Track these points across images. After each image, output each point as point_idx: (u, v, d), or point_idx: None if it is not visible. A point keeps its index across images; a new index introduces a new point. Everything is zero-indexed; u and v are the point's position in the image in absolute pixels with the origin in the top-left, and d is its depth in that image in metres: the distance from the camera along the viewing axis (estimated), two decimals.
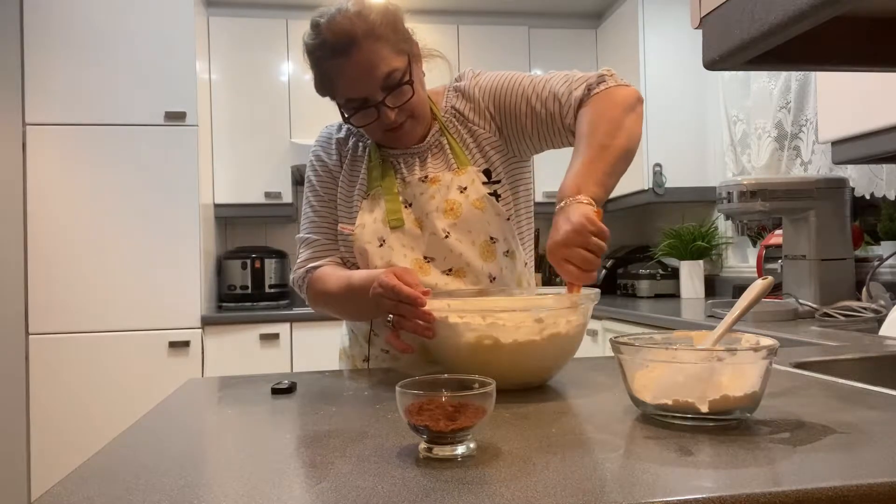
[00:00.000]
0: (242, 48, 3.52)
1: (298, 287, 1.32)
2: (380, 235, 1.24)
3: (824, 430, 0.72)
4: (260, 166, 3.51)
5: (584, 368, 1.15)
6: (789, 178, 2.30)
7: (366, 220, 1.25)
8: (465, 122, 1.29)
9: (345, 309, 1.29)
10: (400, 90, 1.19)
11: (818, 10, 0.70)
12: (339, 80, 1.19)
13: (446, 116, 1.30)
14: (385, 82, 1.18)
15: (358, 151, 1.33)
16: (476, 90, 1.29)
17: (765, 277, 0.88)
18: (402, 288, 1.01)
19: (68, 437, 2.96)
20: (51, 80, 3.06)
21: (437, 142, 1.29)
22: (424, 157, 1.29)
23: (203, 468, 0.70)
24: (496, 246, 1.26)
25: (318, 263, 1.30)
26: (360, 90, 1.18)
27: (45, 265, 3.02)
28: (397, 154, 1.30)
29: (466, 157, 1.28)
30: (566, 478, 0.59)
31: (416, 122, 1.25)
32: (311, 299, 1.31)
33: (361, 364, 1.34)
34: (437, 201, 1.24)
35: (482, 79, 1.30)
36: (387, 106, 1.19)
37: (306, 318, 3.22)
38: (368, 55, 1.16)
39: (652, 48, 3.33)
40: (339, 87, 1.21)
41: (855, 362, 1.26)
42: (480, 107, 1.28)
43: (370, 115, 1.21)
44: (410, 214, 1.26)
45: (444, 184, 1.25)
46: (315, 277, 1.28)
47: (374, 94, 1.18)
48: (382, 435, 0.76)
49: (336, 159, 1.34)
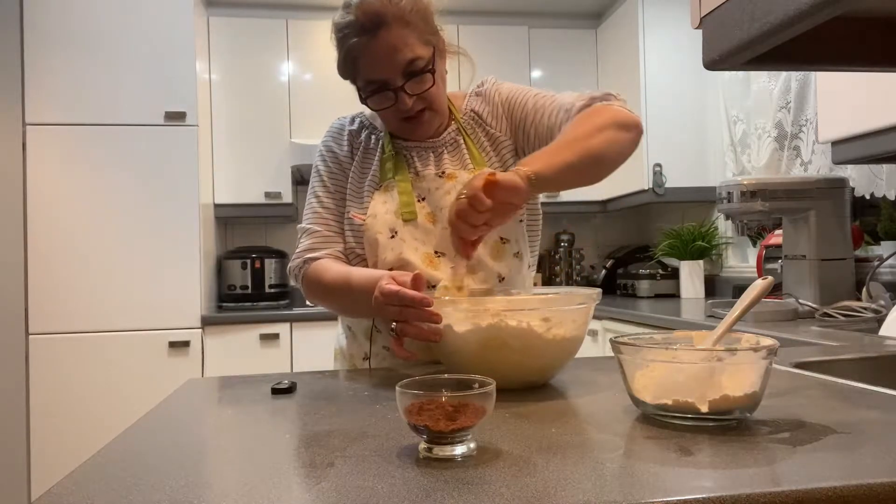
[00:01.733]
0: (242, 48, 3.52)
1: (294, 276, 1.31)
2: (391, 226, 1.24)
3: (824, 430, 0.72)
4: (260, 166, 3.51)
5: (584, 368, 1.15)
6: (789, 178, 2.30)
7: (378, 211, 1.25)
8: (484, 125, 1.32)
9: (341, 304, 1.28)
10: (421, 78, 1.20)
11: (818, 10, 0.70)
12: (363, 59, 1.19)
13: (465, 119, 1.33)
14: (407, 68, 1.19)
15: (371, 143, 1.33)
16: (496, 96, 1.33)
17: (765, 277, 0.88)
18: (406, 292, 1.00)
19: (68, 437, 2.96)
20: (51, 80, 3.06)
21: (454, 140, 1.31)
22: (439, 152, 1.30)
23: (203, 468, 0.70)
24: (507, 247, 1.26)
25: (316, 255, 1.28)
26: (382, 72, 1.19)
27: (45, 265, 3.02)
28: (411, 147, 1.31)
29: (483, 159, 1.30)
30: (566, 478, 0.59)
31: (433, 114, 1.26)
32: (307, 290, 1.30)
33: (362, 363, 1.33)
34: (451, 198, 1.25)
35: (503, 87, 1.34)
36: (405, 92, 1.20)
37: (306, 318, 3.22)
38: (395, 38, 1.17)
39: (652, 48, 3.33)
40: (361, 67, 1.21)
41: (855, 362, 1.26)
42: (499, 112, 1.32)
43: (388, 99, 1.21)
44: (424, 208, 1.26)
45: (461, 181, 1.26)
46: (313, 268, 1.27)
47: (395, 78, 1.19)
48: (382, 435, 0.76)
49: (347, 150, 1.34)
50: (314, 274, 1.27)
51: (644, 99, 3.31)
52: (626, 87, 3.49)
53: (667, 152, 3.31)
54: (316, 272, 1.27)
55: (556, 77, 3.82)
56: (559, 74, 3.82)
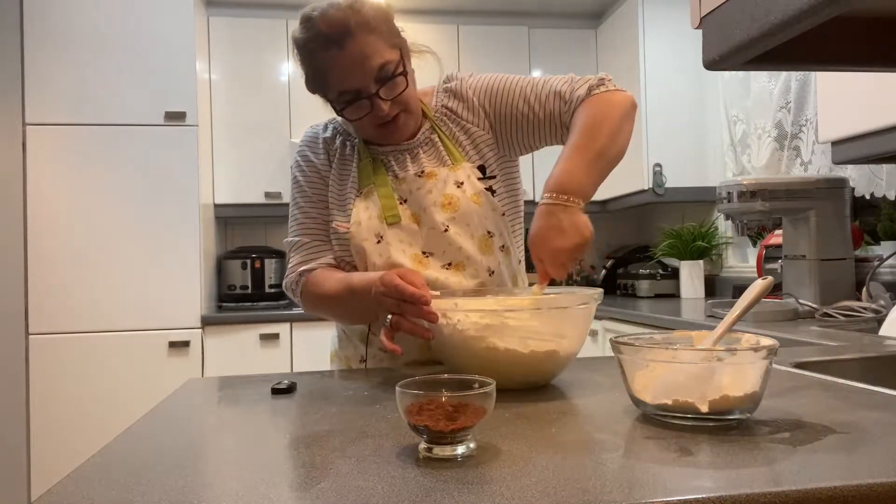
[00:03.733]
0: (242, 48, 3.52)
1: (291, 292, 1.31)
2: (376, 232, 1.24)
3: (824, 430, 0.72)
4: (260, 166, 3.51)
5: (584, 368, 1.15)
6: (789, 178, 2.30)
7: (361, 218, 1.25)
8: (458, 120, 1.31)
9: (344, 311, 1.28)
10: (393, 82, 1.20)
11: (818, 10, 0.70)
12: (333, 71, 1.19)
13: (437, 115, 1.31)
14: (379, 74, 1.18)
15: (346, 150, 1.33)
16: (469, 90, 1.31)
17: (765, 277, 0.88)
18: (406, 286, 1.00)
19: (68, 437, 2.96)
20: (51, 80, 3.06)
21: (429, 139, 1.30)
22: (416, 153, 1.29)
23: (203, 468, 0.70)
24: (493, 240, 1.26)
25: (310, 266, 1.28)
26: (354, 82, 1.18)
27: (45, 265, 3.02)
28: (387, 151, 1.30)
29: (460, 154, 1.29)
30: (566, 478, 0.59)
31: (409, 115, 1.26)
32: (307, 303, 1.29)
33: (358, 364, 1.33)
34: (434, 195, 1.24)
35: (475, 79, 1.32)
36: (380, 98, 1.19)
37: (306, 318, 3.21)
38: (363, 46, 1.16)
39: (652, 48, 3.33)
40: (332, 80, 1.20)
41: (855, 362, 1.26)
42: (475, 105, 1.30)
43: (363, 108, 1.21)
44: (406, 210, 1.25)
45: (441, 178, 1.25)
46: (310, 281, 1.26)
47: (368, 85, 1.19)
48: (382, 435, 0.76)
49: (324, 158, 1.33)
50: (312, 286, 1.26)
51: (644, 99, 3.31)
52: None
53: (667, 152, 3.30)
54: (314, 284, 1.26)
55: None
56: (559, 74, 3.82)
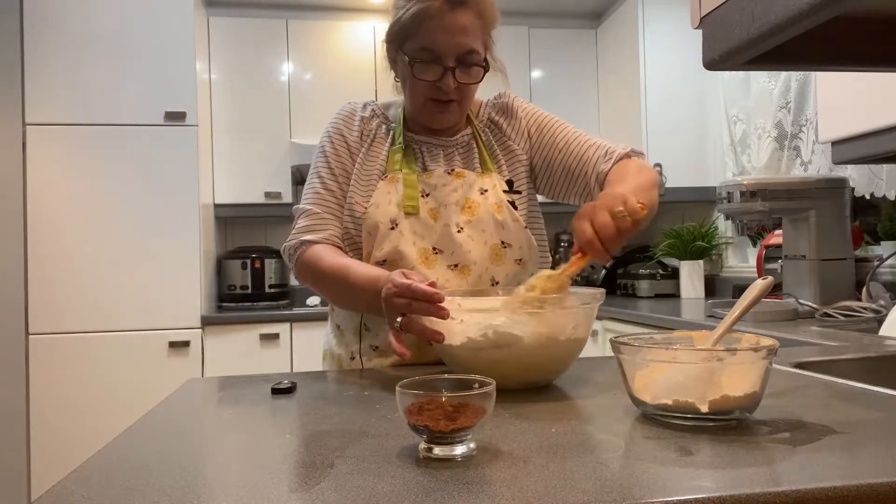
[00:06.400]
0: (242, 48, 3.52)
1: (288, 256, 1.29)
2: (392, 217, 1.24)
3: (824, 430, 0.72)
4: (260, 166, 3.51)
5: (584, 368, 1.15)
6: (789, 178, 2.30)
7: (380, 201, 1.25)
8: (501, 134, 1.35)
9: (334, 295, 1.27)
10: (471, 69, 1.23)
11: (818, 10, 0.70)
12: (432, 23, 1.19)
13: (481, 125, 1.35)
14: (464, 55, 1.21)
15: (381, 132, 1.33)
16: (520, 110, 1.36)
17: (765, 277, 0.88)
18: (418, 285, 0.98)
19: (68, 437, 2.96)
20: (51, 80, 3.05)
21: (467, 143, 1.33)
22: (450, 152, 1.31)
23: (203, 468, 0.70)
24: (507, 251, 1.26)
25: (312, 237, 1.26)
26: (443, 45, 1.19)
27: (45, 265, 3.02)
28: (422, 141, 1.31)
29: (493, 165, 1.32)
30: (566, 478, 0.59)
31: (460, 110, 1.28)
32: (299, 272, 1.28)
33: (349, 363, 1.31)
34: (457, 196, 1.26)
35: (528, 106, 1.38)
36: (454, 75, 1.21)
37: (306, 318, 3.22)
38: (468, 22, 1.19)
39: (652, 48, 3.33)
40: (423, 32, 1.20)
41: (855, 362, 1.26)
42: (521, 126, 1.35)
43: (433, 73, 1.22)
44: (427, 204, 1.26)
45: (468, 181, 1.27)
46: (309, 252, 1.25)
47: (449, 58, 1.20)
48: (382, 435, 0.76)
49: (357, 136, 1.32)
50: (310, 258, 1.25)
51: (644, 99, 3.31)
52: (626, 87, 3.50)
53: (667, 152, 3.30)
54: (312, 257, 1.24)
55: (556, 77, 3.83)
56: (559, 74, 3.83)
